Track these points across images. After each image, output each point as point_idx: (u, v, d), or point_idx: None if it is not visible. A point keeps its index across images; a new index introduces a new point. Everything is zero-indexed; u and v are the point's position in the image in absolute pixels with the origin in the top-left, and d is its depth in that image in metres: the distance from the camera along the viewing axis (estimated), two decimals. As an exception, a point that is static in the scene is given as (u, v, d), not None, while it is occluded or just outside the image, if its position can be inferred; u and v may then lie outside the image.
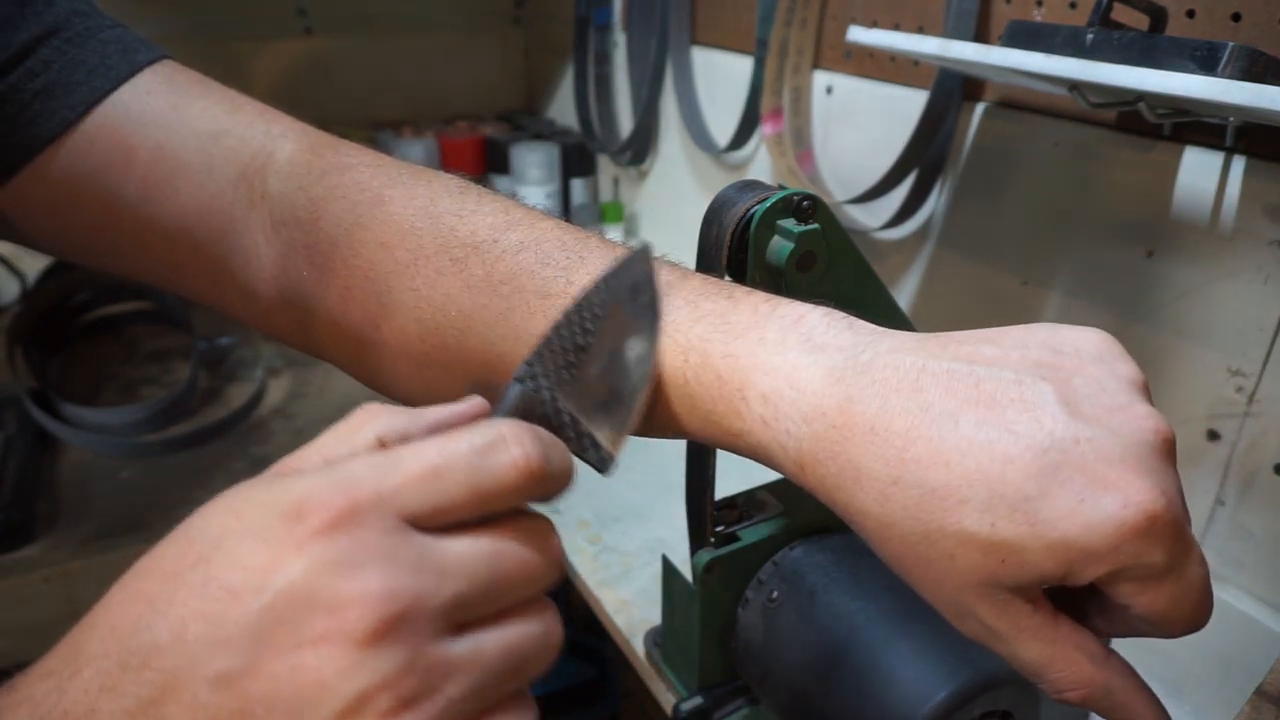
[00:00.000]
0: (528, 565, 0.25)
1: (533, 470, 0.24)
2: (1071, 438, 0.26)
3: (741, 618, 0.51)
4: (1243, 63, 0.42)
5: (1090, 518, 0.25)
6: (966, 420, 0.27)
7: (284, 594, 0.21)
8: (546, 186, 1.18)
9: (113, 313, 1.09)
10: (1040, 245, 0.64)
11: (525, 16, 1.37)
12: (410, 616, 0.21)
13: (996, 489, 0.26)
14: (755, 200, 0.40)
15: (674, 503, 0.48)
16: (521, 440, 0.25)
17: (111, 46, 0.40)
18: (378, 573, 0.21)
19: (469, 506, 0.24)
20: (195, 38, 1.13)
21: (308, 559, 0.21)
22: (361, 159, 0.41)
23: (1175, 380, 0.57)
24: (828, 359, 0.30)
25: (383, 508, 0.22)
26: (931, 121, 0.66)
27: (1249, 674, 0.53)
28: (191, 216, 0.41)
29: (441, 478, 0.23)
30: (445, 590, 0.22)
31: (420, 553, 0.22)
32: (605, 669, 1.14)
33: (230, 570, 0.21)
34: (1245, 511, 0.55)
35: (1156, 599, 0.26)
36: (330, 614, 0.21)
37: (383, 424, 0.25)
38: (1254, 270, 0.52)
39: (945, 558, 0.27)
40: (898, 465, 0.27)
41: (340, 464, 0.23)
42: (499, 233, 0.37)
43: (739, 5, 0.91)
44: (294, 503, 0.22)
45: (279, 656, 0.20)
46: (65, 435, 0.83)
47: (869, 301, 0.45)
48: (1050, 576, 0.26)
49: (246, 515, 0.22)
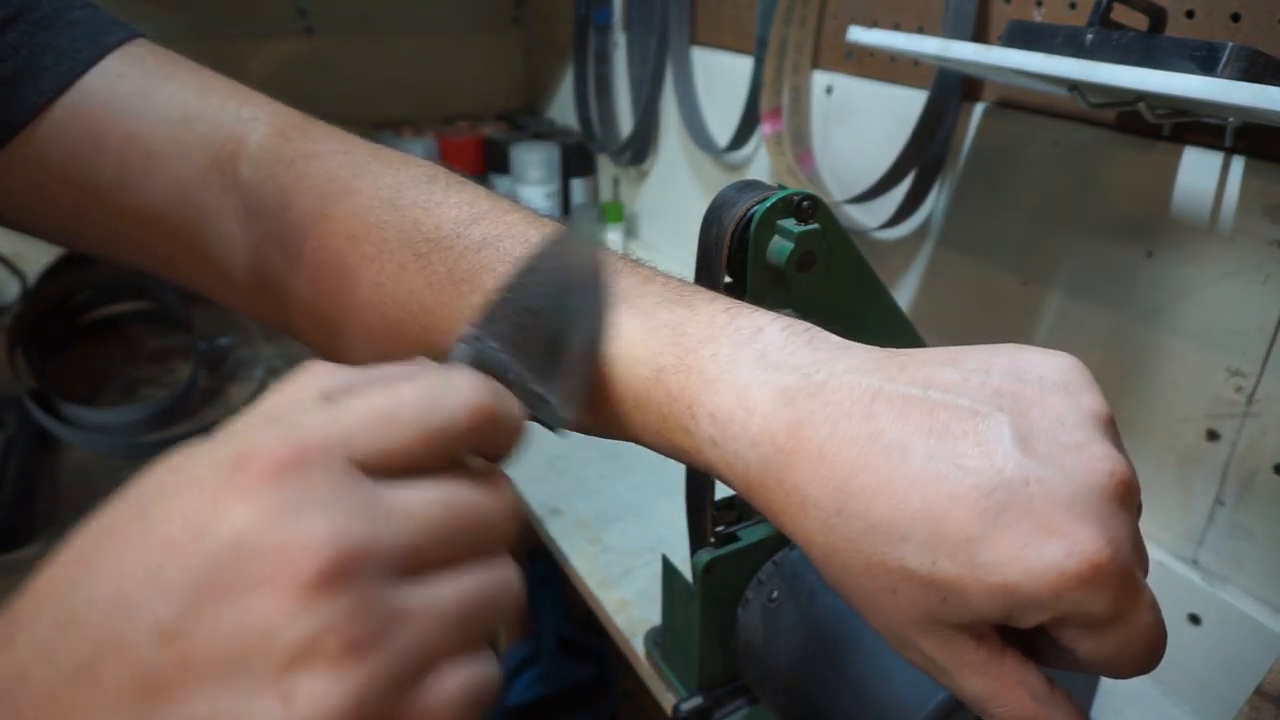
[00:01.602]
0: (482, 513, 0.24)
1: (483, 410, 0.24)
2: (1021, 478, 0.25)
3: (741, 618, 0.51)
4: (1242, 63, 0.41)
5: (1032, 564, 0.24)
6: (916, 452, 0.26)
7: (226, 541, 0.20)
8: (546, 186, 1.18)
9: (113, 313, 1.09)
10: (1040, 245, 0.64)
11: (525, 16, 1.37)
12: (359, 561, 0.20)
13: (939, 528, 0.25)
14: (755, 200, 0.40)
15: (674, 503, 0.48)
16: (471, 382, 0.25)
17: (80, 28, 0.40)
18: (325, 516, 0.20)
19: (420, 450, 0.23)
20: (195, 37, 1.13)
21: (250, 505, 0.20)
22: (330, 145, 0.41)
23: (1175, 380, 0.57)
24: (780, 379, 0.29)
25: (330, 452, 0.22)
26: (931, 121, 0.66)
27: (1249, 674, 0.53)
28: (166, 203, 0.40)
29: (390, 421, 0.23)
30: (396, 535, 0.22)
31: (370, 497, 0.22)
32: (605, 669, 1.14)
33: (169, 522, 0.20)
34: (1245, 511, 0.55)
35: (1100, 646, 0.26)
36: (275, 559, 0.20)
37: (326, 380, 0.24)
38: (1254, 270, 0.52)
39: (887, 591, 0.27)
40: (843, 496, 0.27)
41: (285, 416, 0.23)
42: (463, 227, 0.37)
43: (739, 5, 0.91)
44: (237, 452, 0.21)
45: (221, 605, 0.20)
46: (65, 435, 0.83)
47: (869, 301, 0.45)
48: (991, 618, 0.25)
49: (186, 469, 0.21)
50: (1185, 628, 0.57)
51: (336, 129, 0.42)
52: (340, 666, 0.20)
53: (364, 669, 0.20)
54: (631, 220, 1.20)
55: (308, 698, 0.19)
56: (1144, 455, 0.59)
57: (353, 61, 1.25)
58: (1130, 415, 0.59)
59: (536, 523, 0.74)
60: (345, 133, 0.42)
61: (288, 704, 0.19)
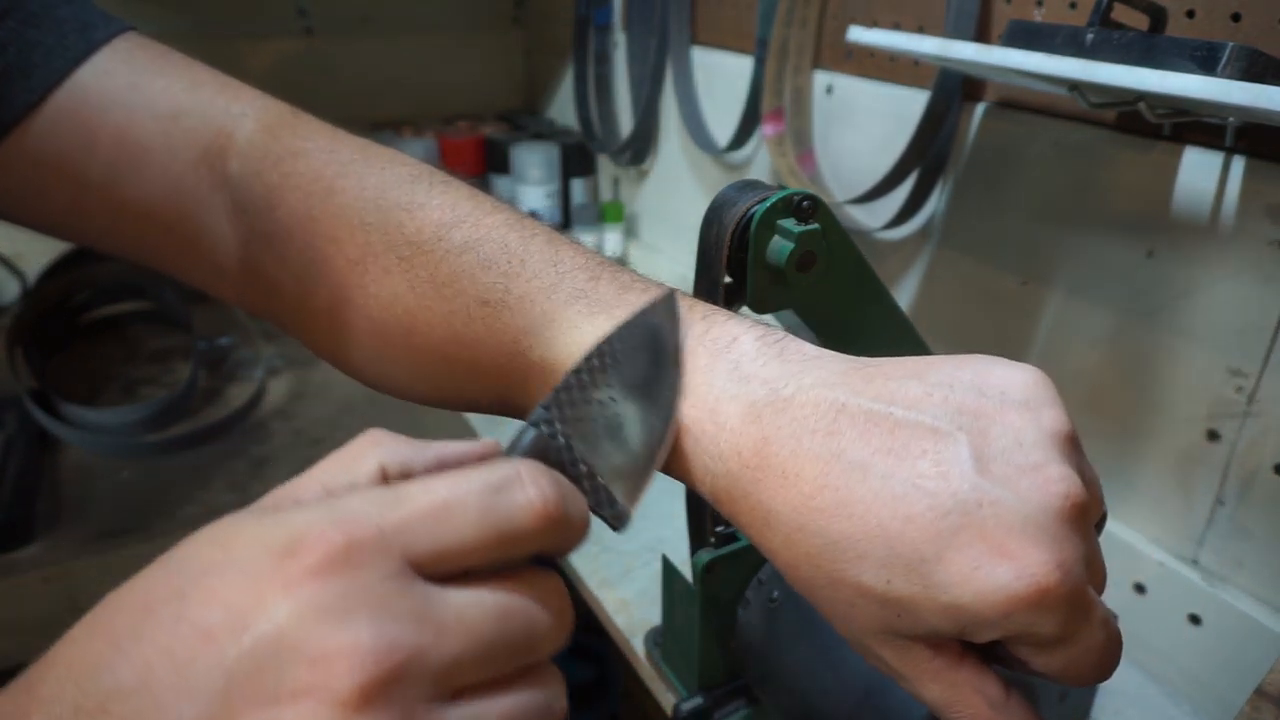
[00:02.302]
0: (537, 626, 0.23)
1: (550, 514, 0.23)
2: (975, 500, 0.25)
3: (741, 618, 0.51)
4: (1242, 63, 0.41)
5: (982, 586, 0.25)
6: (875, 472, 0.27)
7: (265, 639, 0.19)
8: (546, 186, 1.18)
9: (113, 313, 1.09)
10: (1040, 245, 0.64)
11: (525, 16, 1.37)
12: (404, 676, 0.19)
13: (895, 548, 0.26)
14: (755, 200, 0.40)
15: (674, 503, 0.48)
16: (539, 482, 0.23)
17: (68, 25, 0.39)
18: (372, 622, 0.19)
19: (479, 551, 0.22)
20: (195, 37, 1.13)
21: (295, 601, 0.19)
22: (317, 142, 0.41)
23: (1175, 380, 0.57)
24: (750, 393, 0.30)
25: (385, 548, 0.20)
26: (932, 121, 0.66)
27: (1249, 674, 0.53)
28: (158, 198, 0.41)
29: (452, 516, 0.21)
30: (446, 648, 0.20)
31: (422, 603, 0.20)
32: (605, 669, 1.14)
33: (207, 608, 0.19)
34: (1245, 511, 0.55)
35: (1051, 663, 0.27)
36: (314, 666, 0.18)
37: (386, 453, 0.23)
38: (1254, 270, 0.52)
39: (846, 604, 0.27)
40: (804, 513, 0.27)
41: (341, 498, 0.21)
42: (444, 230, 0.37)
43: (739, 5, 0.91)
44: (287, 538, 0.20)
45: (252, 711, 0.18)
46: (65, 435, 0.83)
47: (869, 301, 0.44)
48: (945, 634, 0.26)
49: (234, 548, 0.20)
50: (1185, 628, 0.57)
51: (325, 124, 0.42)
52: None
53: None
54: (631, 220, 1.20)
55: None
56: (1144, 455, 0.59)
57: (353, 61, 1.25)
58: (1130, 415, 0.59)
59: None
60: (333, 128, 0.42)
61: None
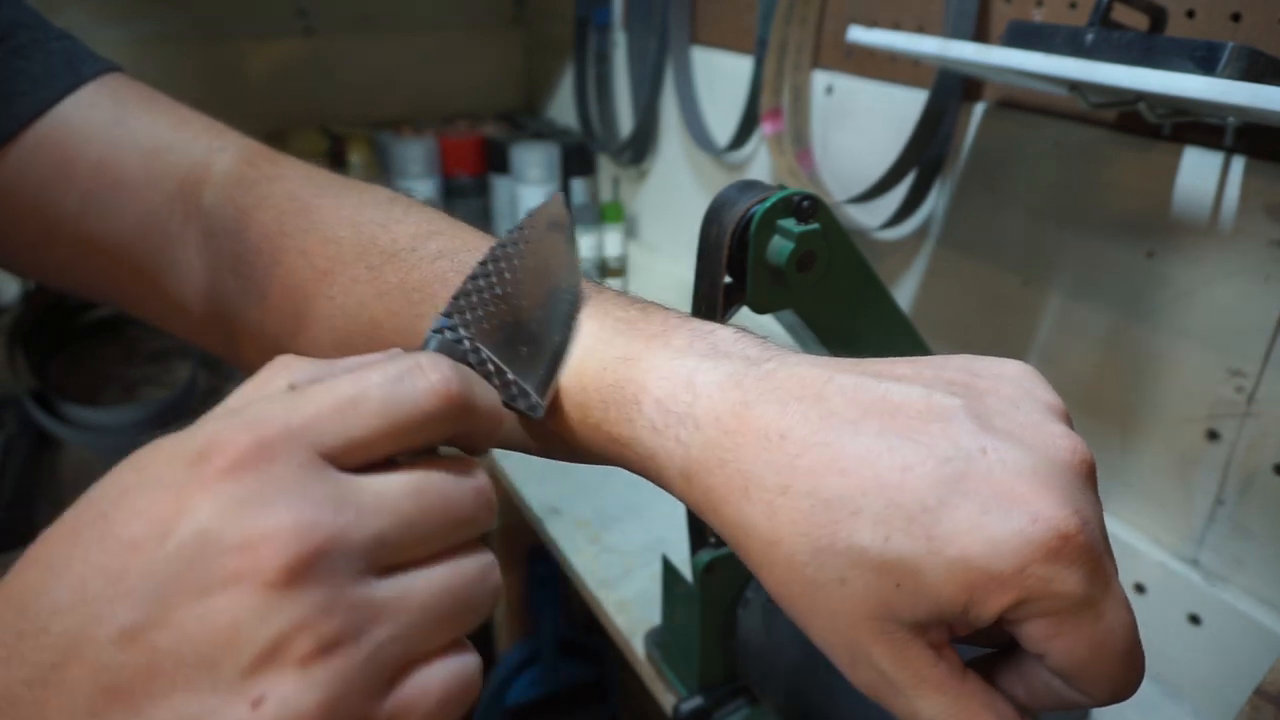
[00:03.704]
0: (455, 502, 0.23)
1: (452, 396, 0.23)
2: (978, 447, 0.24)
3: (741, 618, 0.51)
4: (1242, 63, 0.41)
5: (994, 533, 0.23)
6: (868, 427, 0.25)
7: (189, 538, 0.19)
8: (546, 186, 1.18)
9: (113, 313, 1.09)
10: (1040, 245, 0.64)
11: (525, 16, 1.37)
12: (328, 554, 0.20)
13: (894, 498, 0.24)
14: (755, 200, 0.40)
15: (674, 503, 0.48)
16: (439, 366, 0.24)
17: (56, 58, 0.40)
18: (290, 508, 0.20)
19: (387, 438, 0.22)
20: (195, 37, 1.13)
21: (213, 499, 0.20)
22: (295, 170, 0.41)
23: (1175, 380, 0.57)
24: (730, 365, 0.28)
25: (294, 442, 0.21)
26: (931, 121, 0.66)
27: (1249, 674, 0.53)
28: (130, 231, 0.40)
29: (356, 408, 0.22)
30: (366, 527, 0.21)
31: (337, 488, 0.21)
32: (605, 669, 1.14)
33: (130, 521, 0.20)
34: (1245, 511, 0.55)
35: (1075, 644, 0.23)
36: (240, 553, 0.19)
37: (296, 372, 0.24)
38: (1254, 270, 0.52)
39: (836, 582, 0.24)
40: (789, 473, 0.25)
41: (247, 405, 0.22)
42: (419, 241, 0.36)
43: (739, 4, 0.91)
44: (198, 446, 0.20)
45: (186, 604, 0.19)
46: (65, 435, 0.83)
47: (869, 301, 0.45)
48: (950, 606, 0.23)
49: (149, 466, 0.21)
50: (1185, 628, 0.57)
51: (305, 162, 0.42)
52: (310, 666, 0.19)
53: (335, 668, 0.20)
54: (631, 220, 1.20)
55: (277, 701, 0.19)
56: (1144, 455, 0.59)
57: (353, 61, 1.25)
58: (1130, 415, 0.59)
59: (536, 523, 0.74)
60: (311, 165, 0.42)
61: (256, 707, 0.19)
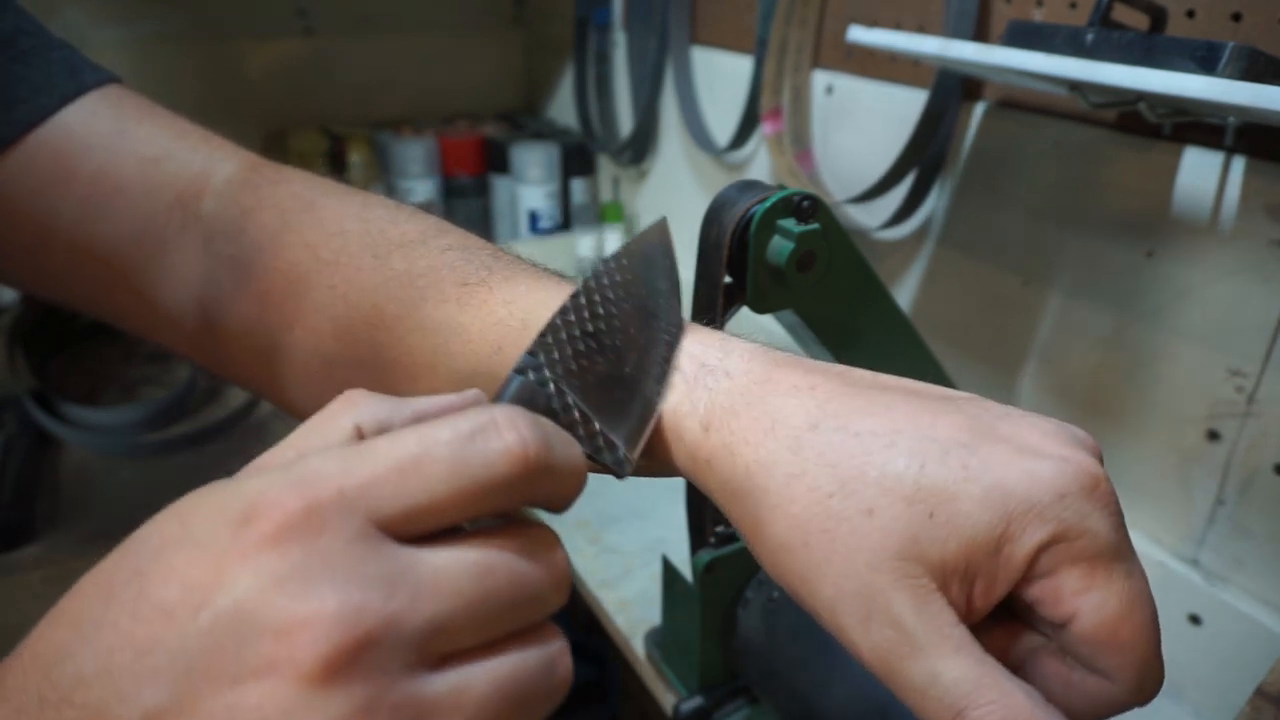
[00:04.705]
0: (526, 583, 0.21)
1: (529, 459, 0.21)
2: (994, 425, 0.24)
3: (741, 618, 0.51)
4: (1243, 62, 0.41)
5: (1030, 467, 0.23)
6: (895, 395, 0.26)
7: (224, 615, 0.17)
8: (546, 186, 1.18)
9: (113, 312, 1.09)
10: (1040, 245, 0.64)
11: (525, 16, 1.37)
12: (375, 644, 0.18)
13: (927, 434, 0.24)
14: (755, 200, 0.40)
15: (674, 503, 0.48)
16: (517, 425, 0.21)
17: (58, 66, 0.39)
18: (336, 589, 0.18)
19: (454, 506, 0.20)
20: (195, 37, 1.13)
21: (253, 572, 0.18)
22: (298, 175, 0.41)
23: (1175, 380, 0.57)
24: (759, 346, 0.29)
25: (347, 509, 0.19)
26: (931, 121, 0.66)
27: (1249, 674, 0.53)
28: (126, 240, 0.40)
29: (420, 471, 0.20)
30: (421, 612, 0.19)
31: (392, 565, 0.19)
32: (605, 669, 1.14)
33: (166, 586, 0.18)
34: (1245, 511, 0.55)
35: (1107, 599, 0.22)
36: (276, 640, 0.17)
37: (363, 412, 0.21)
38: (1254, 270, 0.51)
39: (863, 513, 0.23)
40: (819, 413, 0.25)
41: (303, 459, 0.20)
42: (429, 236, 0.36)
43: (739, 5, 0.91)
44: (243, 505, 0.18)
45: (214, 692, 0.17)
46: (65, 435, 0.83)
47: (869, 301, 0.44)
48: (984, 540, 0.22)
49: (191, 521, 0.19)
50: (1186, 628, 0.57)
51: (306, 171, 0.42)
52: None
53: None
54: (631, 220, 1.20)
55: None
56: (1144, 455, 0.59)
57: (353, 61, 1.25)
58: (1131, 415, 0.59)
59: (536, 523, 0.74)
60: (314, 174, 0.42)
61: None
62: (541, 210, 1.18)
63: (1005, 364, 0.68)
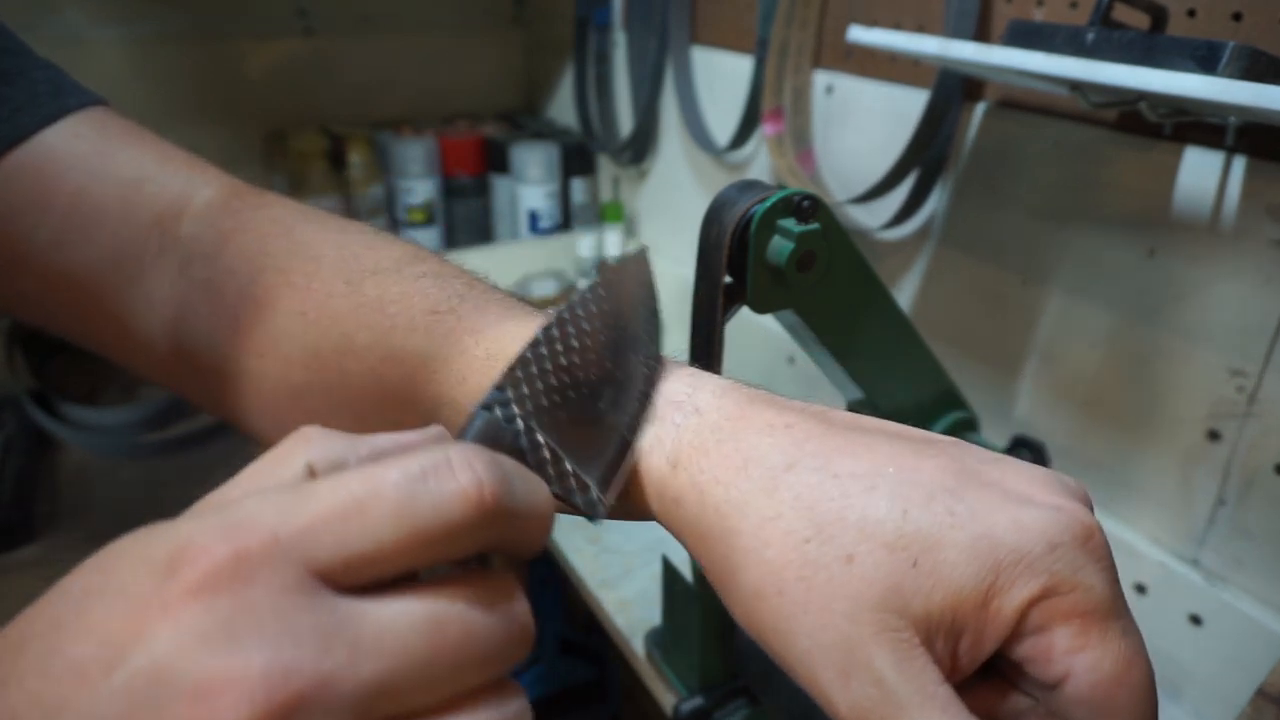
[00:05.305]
0: (481, 637, 0.19)
1: (485, 502, 0.19)
2: (978, 471, 0.23)
3: (742, 618, 0.51)
4: (1243, 62, 0.41)
5: (1020, 515, 0.21)
6: (876, 437, 0.24)
7: (140, 674, 0.16)
8: (546, 186, 1.18)
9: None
10: (1041, 245, 0.64)
11: (525, 16, 1.37)
12: (307, 707, 0.16)
13: (912, 477, 0.22)
14: (755, 200, 0.40)
15: (674, 503, 0.48)
16: (472, 464, 0.19)
17: (41, 87, 0.39)
18: (264, 645, 0.16)
19: (400, 554, 0.18)
20: (195, 37, 1.13)
21: (175, 627, 0.16)
22: (280, 201, 0.40)
23: (1176, 380, 0.57)
24: (731, 384, 0.28)
25: (280, 558, 0.17)
26: (932, 121, 0.66)
27: (1249, 674, 0.53)
28: (101, 262, 0.39)
29: (364, 515, 0.18)
30: (362, 671, 0.17)
31: (328, 619, 0.17)
32: (605, 669, 1.14)
33: (80, 641, 0.16)
34: (1245, 511, 0.54)
35: (1102, 659, 0.21)
36: (194, 703, 0.16)
37: (316, 449, 0.20)
38: (1254, 270, 0.51)
39: (841, 560, 0.22)
40: (795, 452, 0.24)
41: (238, 501, 0.18)
42: (404, 263, 0.36)
43: (739, 5, 0.91)
44: (169, 552, 0.17)
45: None
46: (65, 435, 0.83)
47: (869, 301, 0.44)
48: (970, 594, 0.21)
49: (115, 570, 0.17)
50: (1186, 628, 0.57)
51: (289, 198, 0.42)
52: None
53: None
54: (631, 220, 1.20)
55: None
56: (1145, 455, 0.59)
57: (353, 61, 1.25)
58: (1131, 415, 0.59)
59: (536, 523, 0.74)
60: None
61: None
62: (541, 210, 1.18)
63: (1005, 364, 0.68)
